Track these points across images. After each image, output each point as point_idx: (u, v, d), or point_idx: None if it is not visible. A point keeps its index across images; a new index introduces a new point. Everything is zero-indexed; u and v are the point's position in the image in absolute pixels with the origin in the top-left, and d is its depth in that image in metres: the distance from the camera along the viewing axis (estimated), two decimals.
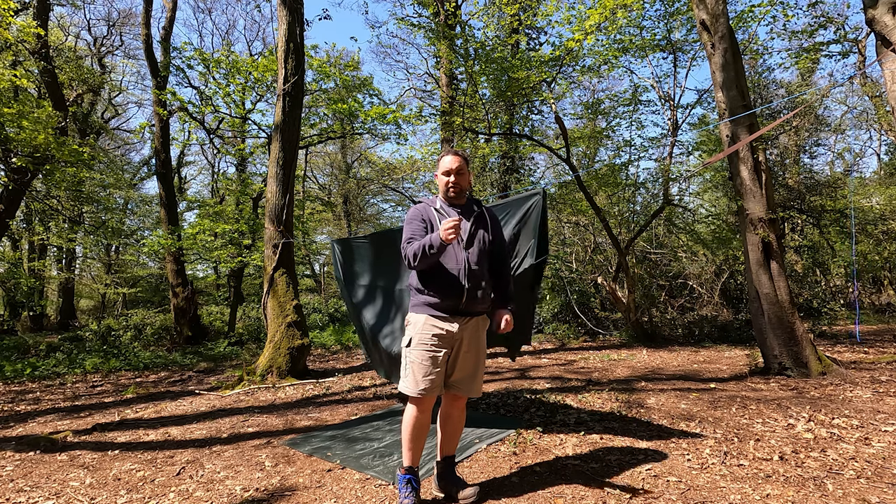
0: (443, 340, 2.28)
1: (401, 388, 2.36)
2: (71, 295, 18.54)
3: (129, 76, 22.48)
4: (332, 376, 6.09)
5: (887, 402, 3.80)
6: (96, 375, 7.07)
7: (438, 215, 2.39)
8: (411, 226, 2.38)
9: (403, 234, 2.37)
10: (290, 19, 6.53)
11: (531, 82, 8.88)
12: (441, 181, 2.44)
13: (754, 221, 5.09)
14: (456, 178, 2.40)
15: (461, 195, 2.44)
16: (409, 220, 2.42)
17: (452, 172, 2.39)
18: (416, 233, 2.35)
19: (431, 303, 2.30)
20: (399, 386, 2.37)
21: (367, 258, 4.64)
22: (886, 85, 4.17)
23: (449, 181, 2.40)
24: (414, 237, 2.33)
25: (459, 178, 2.40)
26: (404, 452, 2.35)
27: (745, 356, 6.42)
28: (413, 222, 2.38)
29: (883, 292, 13.66)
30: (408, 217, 2.44)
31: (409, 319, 2.41)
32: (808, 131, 13.61)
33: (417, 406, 2.32)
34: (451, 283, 2.28)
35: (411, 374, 2.29)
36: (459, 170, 2.40)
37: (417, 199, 2.51)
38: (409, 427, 2.33)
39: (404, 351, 2.34)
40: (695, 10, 5.56)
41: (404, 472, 2.33)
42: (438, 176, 2.45)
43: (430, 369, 2.26)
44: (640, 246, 11.69)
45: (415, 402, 2.32)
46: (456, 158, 2.41)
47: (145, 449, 3.40)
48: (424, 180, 20.26)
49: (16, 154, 7.80)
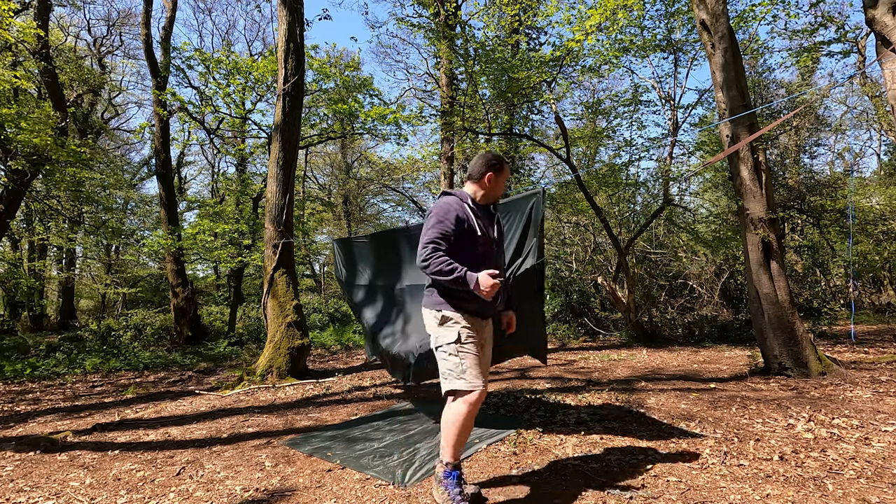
0: (478, 338, 2.33)
1: (455, 385, 2.24)
2: (71, 295, 18.54)
3: (129, 76, 22.50)
4: (332, 376, 6.09)
5: (887, 402, 3.80)
6: (96, 375, 7.07)
7: (475, 218, 2.35)
8: (444, 225, 2.26)
9: (430, 227, 2.26)
10: (290, 19, 6.53)
11: (531, 82, 8.88)
12: (495, 185, 2.44)
13: (754, 221, 5.08)
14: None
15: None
16: (441, 215, 2.29)
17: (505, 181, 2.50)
18: (448, 234, 2.25)
19: (467, 306, 2.30)
20: (452, 385, 2.24)
21: (368, 258, 4.64)
22: (886, 85, 4.17)
23: (501, 189, 2.49)
24: (445, 239, 2.24)
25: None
26: (451, 449, 2.23)
27: (745, 356, 6.42)
28: (446, 221, 2.27)
29: (883, 292, 13.66)
30: (439, 210, 2.31)
31: (445, 315, 2.30)
32: (808, 131, 13.62)
33: (476, 401, 2.23)
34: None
35: (470, 368, 2.23)
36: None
37: (416, 199, 2.53)
38: (462, 423, 2.21)
39: (452, 347, 2.25)
40: (695, 10, 5.56)
41: (451, 468, 2.23)
42: (491, 178, 2.42)
43: (482, 362, 2.29)
44: (640, 246, 11.69)
45: (473, 396, 2.22)
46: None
47: (145, 449, 3.40)
48: (424, 180, 20.27)
49: (15, 155, 7.79)
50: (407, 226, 4.18)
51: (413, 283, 4.04)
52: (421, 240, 2.28)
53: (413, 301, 4.04)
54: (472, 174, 2.49)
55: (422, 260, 2.23)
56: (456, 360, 2.25)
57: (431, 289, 2.40)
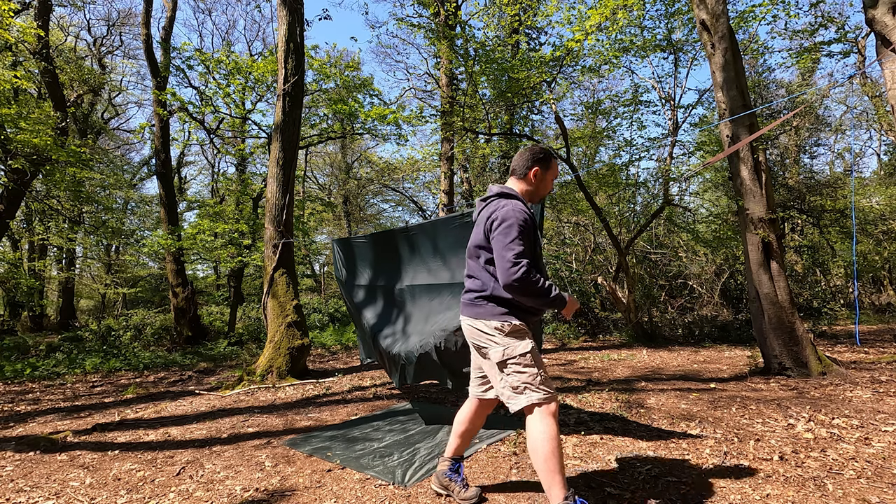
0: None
1: (536, 397, 2.00)
2: (71, 295, 18.54)
3: (129, 76, 22.48)
4: (332, 376, 6.09)
5: (887, 402, 3.80)
6: (96, 375, 7.07)
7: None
8: (526, 237, 2.06)
9: (514, 238, 2.01)
10: (290, 19, 6.53)
11: (531, 82, 8.88)
12: (541, 182, 2.28)
13: (754, 221, 5.09)
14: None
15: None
16: (523, 226, 2.05)
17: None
18: (529, 245, 2.06)
19: (528, 317, 2.18)
20: (531, 398, 2.01)
21: (368, 258, 4.64)
22: (886, 85, 4.17)
23: (549, 188, 2.33)
24: (529, 252, 2.05)
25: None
26: (558, 476, 1.93)
27: (745, 356, 6.42)
28: (527, 232, 2.07)
29: (883, 292, 13.66)
30: (516, 216, 2.06)
31: (515, 324, 2.11)
32: (808, 131, 13.62)
33: (556, 411, 2.03)
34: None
35: (544, 376, 2.06)
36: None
37: (416, 200, 2.47)
38: (558, 441, 1.97)
39: (528, 357, 2.06)
40: (695, 10, 5.56)
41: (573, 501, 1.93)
42: (537, 174, 2.25)
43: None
44: (640, 246, 11.69)
45: (554, 406, 2.03)
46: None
47: (145, 449, 3.40)
48: (424, 180, 20.27)
49: (15, 155, 7.80)
50: (407, 226, 4.17)
51: (413, 284, 4.04)
52: (503, 252, 2.01)
53: (413, 301, 4.04)
54: (515, 169, 2.29)
55: (514, 279, 1.96)
56: (533, 370, 2.06)
57: (481, 298, 2.17)
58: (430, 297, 3.88)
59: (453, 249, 3.73)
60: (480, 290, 2.17)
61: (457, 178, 13.56)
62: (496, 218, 2.09)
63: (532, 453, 1.99)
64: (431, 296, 3.87)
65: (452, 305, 3.62)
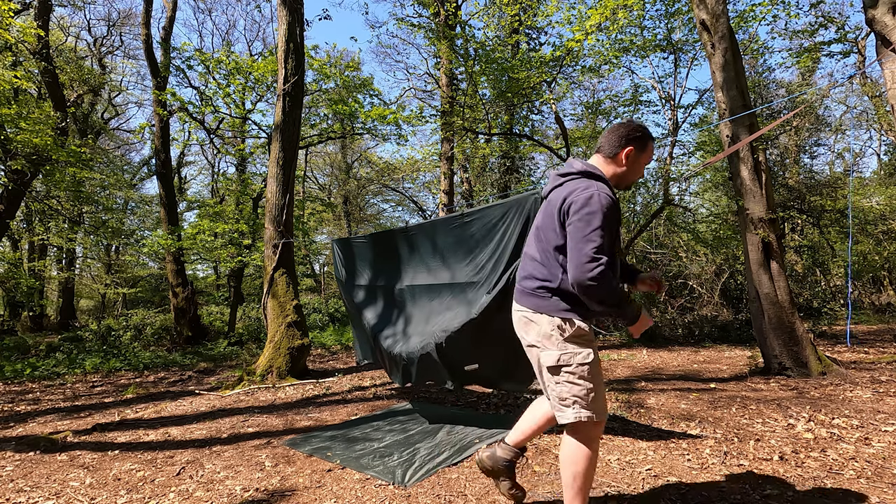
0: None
1: (585, 414, 1.79)
2: (71, 295, 18.54)
3: (129, 76, 22.47)
4: (332, 376, 6.09)
5: (887, 402, 3.80)
6: (96, 375, 7.07)
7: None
8: (609, 229, 1.76)
9: (597, 227, 1.72)
10: (290, 19, 6.53)
11: (531, 82, 8.89)
12: (633, 165, 1.94)
13: (754, 221, 5.09)
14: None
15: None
16: (607, 214, 1.75)
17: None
18: (607, 241, 1.75)
19: (590, 317, 1.92)
20: (579, 413, 1.80)
21: (368, 258, 4.64)
22: (886, 85, 4.17)
23: (640, 174, 2.00)
24: (604, 248, 1.73)
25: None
26: (582, 501, 1.83)
27: (745, 356, 6.42)
28: (611, 223, 1.77)
29: (883, 292, 13.65)
30: (604, 205, 1.75)
31: (579, 326, 1.84)
32: (808, 131, 13.62)
33: (598, 432, 1.85)
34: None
35: (599, 394, 1.82)
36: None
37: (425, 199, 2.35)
38: (589, 465, 1.82)
39: (585, 369, 1.81)
40: (695, 10, 5.56)
41: None
42: (630, 155, 1.91)
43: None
44: (640, 246, 11.69)
45: (600, 429, 1.85)
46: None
47: (145, 449, 3.40)
48: (424, 180, 20.28)
49: (15, 155, 7.80)
50: (407, 226, 4.17)
51: (413, 284, 4.04)
52: (581, 244, 1.73)
53: (413, 301, 4.04)
54: (602, 147, 1.95)
55: (589, 277, 1.69)
56: (588, 384, 1.80)
57: (545, 290, 1.89)
58: (430, 298, 3.88)
59: (453, 249, 3.72)
60: (546, 280, 1.88)
61: (457, 178, 13.56)
62: (575, 202, 1.78)
63: (562, 465, 1.86)
64: (431, 296, 3.87)
65: (453, 305, 3.62)
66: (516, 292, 2.03)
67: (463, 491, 2.48)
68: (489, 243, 3.40)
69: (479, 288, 3.40)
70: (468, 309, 3.40)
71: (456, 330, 3.32)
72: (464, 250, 3.63)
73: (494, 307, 3.20)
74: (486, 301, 3.23)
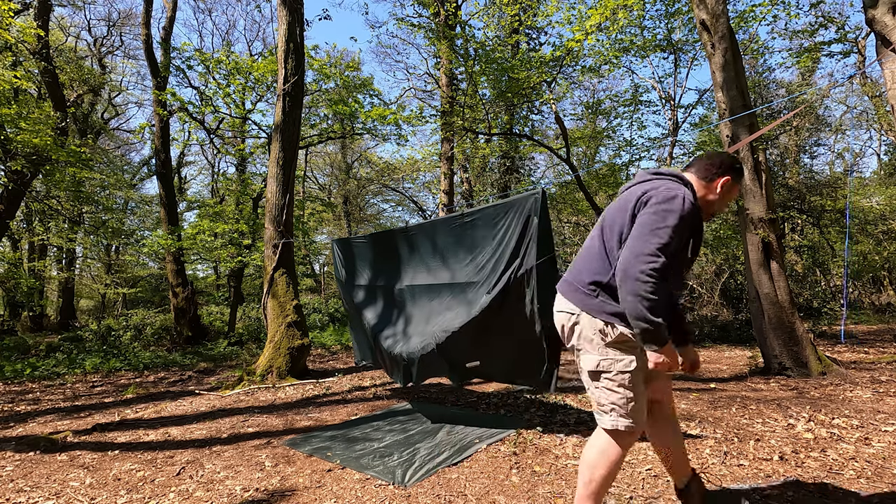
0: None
1: (621, 424, 1.75)
2: (71, 295, 18.54)
3: (129, 76, 22.47)
4: (332, 376, 6.09)
5: (887, 402, 3.80)
6: (96, 375, 7.07)
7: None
8: (681, 237, 1.65)
9: (668, 227, 1.60)
10: (290, 19, 6.53)
11: (531, 82, 8.89)
12: (725, 196, 1.87)
13: (754, 221, 5.09)
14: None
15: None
16: (687, 222, 1.64)
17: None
18: (675, 246, 1.63)
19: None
20: (615, 422, 1.76)
21: (368, 258, 4.64)
22: (886, 85, 4.17)
23: (725, 205, 1.93)
24: (668, 250, 1.61)
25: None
26: (595, 499, 1.80)
27: (745, 356, 6.42)
28: (686, 234, 1.68)
29: (883, 292, 13.65)
30: (685, 211, 1.63)
31: (623, 332, 1.74)
32: (808, 131, 13.61)
33: (631, 442, 1.80)
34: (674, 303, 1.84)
35: (640, 403, 1.77)
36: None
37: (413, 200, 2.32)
38: (615, 469, 1.78)
39: (627, 377, 1.74)
40: (695, 10, 5.56)
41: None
42: (726, 185, 1.84)
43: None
44: None
45: (633, 439, 1.79)
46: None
47: (145, 449, 3.40)
48: (424, 180, 20.29)
49: (15, 155, 7.80)
50: (406, 226, 4.17)
51: (413, 284, 4.04)
52: (644, 235, 1.61)
53: (413, 301, 4.03)
54: (698, 169, 1.87)
55: (640, 270, 1.57)
56: (629, 393, 1.75)
57: (594, 286, 1.79)
58: (430, 298, 3.88)
59: (453, 249, 3.72)
60: (597, 274, 1.78)
61: (457, 178, 13.57)
62: (656, 196, 1.68)
63: (582, 464, 1.83)
64: (431, 296, 3.86)
65: (452, 305, 3.62)
66: (562, 283, 1.92)
67: (463, 491, 2.48)
68: (489, 243, 3.40)
69: (480, 288, 3.40)
70: (468, 309, 3.40)
71: (456, 330, 3.32)
72: (464, 250, 3.62)
73: (495, 307, 3.19)
74: (486, 301, 3.23)
